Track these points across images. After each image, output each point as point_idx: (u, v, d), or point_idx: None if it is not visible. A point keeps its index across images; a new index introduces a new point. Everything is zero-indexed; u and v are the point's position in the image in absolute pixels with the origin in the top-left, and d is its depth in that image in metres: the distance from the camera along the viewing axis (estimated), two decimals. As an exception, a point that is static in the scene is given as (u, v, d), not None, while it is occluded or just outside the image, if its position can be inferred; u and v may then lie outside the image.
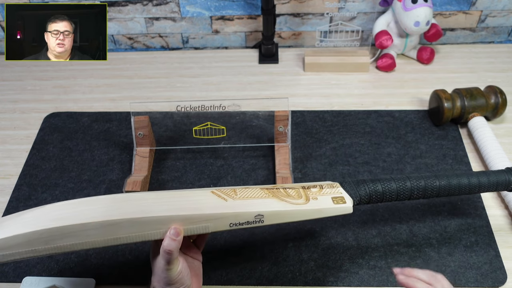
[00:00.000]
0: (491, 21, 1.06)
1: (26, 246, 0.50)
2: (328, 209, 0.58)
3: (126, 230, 0.51)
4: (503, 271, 0.69)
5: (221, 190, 0.57)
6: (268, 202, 0.56)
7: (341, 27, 1.05)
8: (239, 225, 0.54)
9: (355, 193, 0.60)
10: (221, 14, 1.06)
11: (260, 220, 0.55)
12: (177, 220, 0.52)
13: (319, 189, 0.60)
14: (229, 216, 0.54)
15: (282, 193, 0.58)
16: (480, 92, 0.88)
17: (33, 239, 0.50)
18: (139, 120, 0.81)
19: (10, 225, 0.51)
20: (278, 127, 0.82)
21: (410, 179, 0.62)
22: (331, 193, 0.60)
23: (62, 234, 0.50)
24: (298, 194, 0.58)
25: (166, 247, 0.50)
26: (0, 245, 0.50)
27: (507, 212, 0.76)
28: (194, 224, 0.53)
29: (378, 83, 1.01)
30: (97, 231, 0.51)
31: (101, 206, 0.52)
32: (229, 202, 0.55)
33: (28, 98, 1.00)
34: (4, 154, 0.89)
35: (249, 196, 0.57)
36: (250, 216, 0.54)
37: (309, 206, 0.57)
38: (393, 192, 0.61)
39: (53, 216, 0.51)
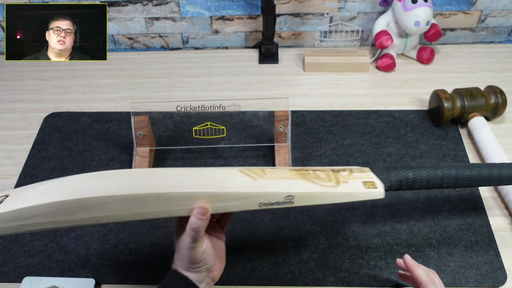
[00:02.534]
0: (491, 21, 1.06)
1: (48, 216, 0.49)
2: (359, 193, 0.57)
3: (151, 205, 0.49)
4: (503, 271, 0.69)
5: (249, 169, 0.55)
6: (298, 183, 0.55)
7: (341, 27, 1.05)
8: (269, 205, 0.52)
9: (386, 178, 0.59)
10: (221, 14, 1.06)
11: (290, 201, 0.53)
12: (205, 197, 0.50)
13: (349, 173, 0.59)
14: (259, 195, 0.52)
15: (312, 175, 0.57)
16: (480, 92, 0.88)
17: (56, 209, 0.48)
18: (139, 120, 0.81)
19: (31, 193, 0.50)
20: (278, 127, 0.82)
21: (441, 168, 0.62)
22: (362, 177, 0.59)
23: (85, 206, 0.48)
24: (328, 177, 0.57)
25: (192, 225, 0.49)
26: (21, 215, 0.48)
27: (507, 212, 0.76)
28: (222, 202, 0.51)
29: (378, 83, 1.01)
30: (121, 205, 0.49)
31: (126, 180, 0.51)
32: (258, 181, 0.53)
33: (28, 98, 1.00)
34: (4, 154, 0.89)
35: (279, 177, 0.55)
36: (280, 196, 0.53)
37: (340, 189, 0.56)
38: (423, 180, 0.61)
39: (77, 187, 0.50)
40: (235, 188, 0.52)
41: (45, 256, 0.73)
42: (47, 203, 0.48)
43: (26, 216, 0.48)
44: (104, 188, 0.49)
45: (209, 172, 0.54)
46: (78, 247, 0.74)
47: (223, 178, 0.53)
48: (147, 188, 0.50)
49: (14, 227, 0.49)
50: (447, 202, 0.78)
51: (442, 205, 0.77)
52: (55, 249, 0.74)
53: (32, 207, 0.48)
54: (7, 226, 0.49)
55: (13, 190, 0.53)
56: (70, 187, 0.50)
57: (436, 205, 0.77)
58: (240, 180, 0.53)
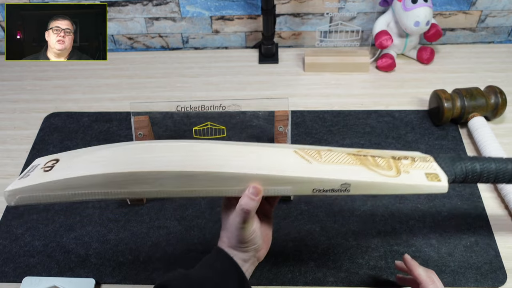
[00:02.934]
0: (491, 21, 1.06)
1: (101, 187, 0.48)
2: (421, 185, 0.53)
3: (202, 183, 0.48)
4: (503, 271, 0.69)
5: (304, 151, 0.53)
6: (356, 170, 0.51)
7: (341, 27, 1.05)
8: (323, 191, 0.50)
9: (450, 170, 0.55)
10: (221, 14, 1.06)
11: (346, 189, 0.50)
12: (257, 179, 0.49)
13: (411, 162, 0.55)
14: (314, 181, 0.49)
15: (371, 162, 0.53)
16: (480, 92, 0.88)
17: (109, 181, 0.48)
18: (139, 120, 0.81)
19: (85, 161, 0.50)
20: (278, 127, 0.82)
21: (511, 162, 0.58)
22: (424, 167, 0.54)
23: (138, 179, 0.48)
24: (388, 165, 0.53)
25: (243, 206, 0.48)
26: (75, 184, 0.48)
27: (507, 212, 0.76)
28: (275, 186, 0.49)
29: (378, 83, 1.01)
30: (173, 181, 0.48)
31: (180, 155, 0.50)
32: (313, 165, 0.51)
33: (28, 98, 1.00)
34: (4, 154, 0.89)
35: (336, 161, 0.52)
36: (336, 184, 0.50)
37: (400, 180, 0.52)
38: (491, 174, 0.57)
39: (131, 159, 0.49)
40: (290, 172, 0.49)
41: (45, 256, 0.73)
42: (102, 174, 0.48)
43: (80, 185, 0.48)
44: (158, 163, 0.48)
45: (265, 151, 0.52)
46: (78, 247, 0.74)
47: (278, 159, 0.51)
48: (200, 166, 0.48)
49: (65, 196, 0.49)
50: (447, 202, 0.78)
51: (442, 205, 0.77)
52: (55, 249, 0.74)
53: (87, 176, 0.48)
54: (60, 194, 0.49)
55: (63, 154, 0.53)
56: (125, 159, 0.49)
57: (436, 205, 0.77)
58: (295, 163, 0.51)
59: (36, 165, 0.53)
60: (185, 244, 0.74)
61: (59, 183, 0.48)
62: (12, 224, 0.77)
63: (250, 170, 0.49)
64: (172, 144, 0.51)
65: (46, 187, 0.49)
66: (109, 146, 0.52)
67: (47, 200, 0.49)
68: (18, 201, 0.50)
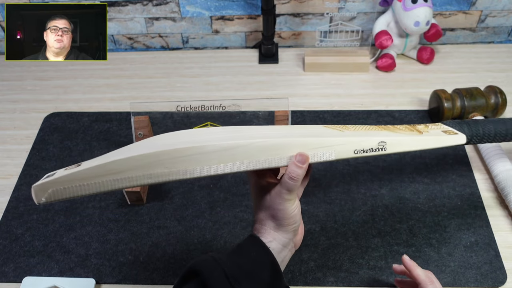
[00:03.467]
0: (491, 21, 1.06)
1: (143, 169, 0.46)
2: (444, 138, 0.59)
3: (248, 155, 0.48)
4: (503, 271, 0.69)
5: (332, 126, 0.55)
6: (385, 133, 0.55)
7: (341, 27, 1.05)
8: (364, 152, 0.52)
9: (460, 129, 0.63)
10: (221, 14, 1.06)
11: (383, 148, 0.53)
12: (302, 145, 0.49)
13: (424, 126, 0.61)
14: (354, 142, 0.52)
15: (393, 129, 0.58)
16: (480, 92, 0.88)
17: (152, 161, 0.46)
18: (139, 120, 0.81)
19: (124, 151, 0.48)
20: (278, 127, 0.81)
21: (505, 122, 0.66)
22: (438, 128, 0.62)
23: (183, 156, 0.46)
24: (408, 129, 0.59)
25: (291, 173, 0.48)
26: (115, 168, 0.45)
27: (507, 212, 0.76)
28: (319, 150, 0.50)
29: (378, 83, 1.01)
30: (219, 155, 0.47)
31: (220, 133, 0.50)
32: (346, 133, 0.53)
33: (28, 98, 1.00)
34: (4, 154, 0.89)
35: (363, 129, 0.56)
36: (373, 143, 0.53)
37: (425, 136, 0.58)
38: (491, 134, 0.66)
39: (170, 141, 0.48)
40: (330, 137, 0.51)
41: (45, 256, 0.73)
42: (149, 153, 0.46)
43: (124, 169, 0.45)
44: (203, 140, 0.48)
45: (298, 127, 0.55)
46: (78, 247, 0.74)
47: (314, 130, 0.53)
48: (245, 137, 0.48)
49: (105, 184, 0.45)
50: (447, 202, 0.78)
51: (442, 205, 0.77)
52: (55, 249, 0.74)
53: (132, 158, 0.45)
54: (99, 183, 0.45)
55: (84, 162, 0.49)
56: (164, 141, 0.48)
57: (436, 205, 0.77)
58: (330, 132, 0.53)
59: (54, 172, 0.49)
60: (185, 244, 0.73)
61: (99, 169, 0.45)
62: (12, 224, 0.77)
63: (293, 137, 0.50)
64: (209, 128, 0.52)
65: (84, 176, 0.45)
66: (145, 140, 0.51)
67: (82, 192, 0.45)
68: (50, 196, 0.45)
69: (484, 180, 0.81)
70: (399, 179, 0.81)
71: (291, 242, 0.53)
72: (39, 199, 0.45)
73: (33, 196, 0.45)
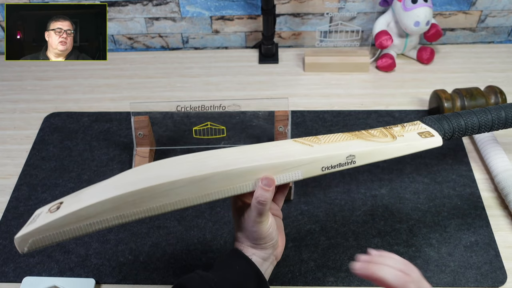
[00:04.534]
0: (491, 21, 1.06)
1: (115, 211, 0.47)
2: (418, 143, 0.56)
3: (216, 185, 0.49)
4: (503, 271, 0.69)
5: (303, 138, 0.55)
6: (356, 143, 0.54)
7: (341, 27, 1.05)
8: (331, 168, 0.52)
9: (439, 128, 0.60)
10: (221, 14, 1.06)
11: (352, 161, 0.53)
12: (268, 169, 0.50)
13: (401, 128, 0.59)
14: (321, 159, 0.51)
15: (366, 135, 0.56)
16: (480, 92, 0.88)
17: (122, 203, 0.47)
18: (139, 120, 0.81)
19: (92, 193, 0.49)
20: (278, 127, 0.82)
21: (490, 111, 0.63)
22: (415, 129, 0.59)
23: (153, 194, 0.47)
24: (382, 134, 0.57)
25: (259, 198, 0.49)
26: (86, 214, 0.46)
27: (507, 212, 0.76)
28: (285, 172, 0.50)
29: (378, 83, 1.01)
30: (187, 188, 0.48)
31: (186, 164, 0.50)
32: (315, 147, 0.53)
33: (28, 98, 1.00)
34: (4, 154, 0.89)
35: (334, 140, 0.55)
36: (341, 157, 0.52)
37: (398, 142, 0.56)
38: (475, 126, 0.62)
39: (138, 178, 0.48)
40: (295, 155, 0.51)
41: (45, 256, 0.73)
42: (115, 197, 0.47)
43: (94, 214, 0.46)
44: (170, 174, 0.48)
45: (266, 146, 0.54)
46: (78, 247, 0.74)
47: (282, 149, 0.53)
48: (211, 167, 0.49)
49: (81, 228, 0.47)
50: (447, 202, 0.78)
51: (442, 205, 0.77)
52: (55, 249, 0.74)
53: (99, 203, 0.46)
54: (75, 228, 0.47)
55: (66, 197, 0.51)
56: (134, 178, 0.49)
57: (436, 205, 0.77)
58: (297, 149, 0.53)
59: (39, 213, 0.50)
60: (185, 244, 0.74)
61: (71, 216, 0.46)
62: (12, 224, 0.77)
63: (260, 161, 0.50)
64: (176, 158, 0.52)
65: (58, 224, 0.46)
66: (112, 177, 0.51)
67: (62, 237, 0.47)
68: (31, 246, 0.47)
69: (484, 180, 0.81)
70: (399, 179, 0.81)
71: (272, 256, 0.54)
72: (22, 249, 0.47)
73: (16, 247, 0.47)
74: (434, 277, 0.68)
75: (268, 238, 0.52)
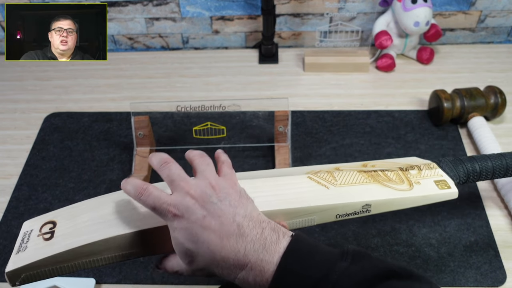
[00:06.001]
0: (491, 21, 1.07)
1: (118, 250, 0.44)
2: (434, 195, 0.56)
3: None
4: (503, 271, 0.69)
5: (318, 175, 0.53)
6: (372, 188, 0.52)
7: (341, 27, 1.05)
8: (346, 216, 0.51)
9: (455, 174, 0.59)
10: (221, 14, 1.06)
11: (367, 210, 0.51)
12: (282, 213, 0.48)
13: (418, 171, 0.57)
14: (336, 207, 0.50)
15: (383, 178, 0.55)
16: (480, 92, 0.88)
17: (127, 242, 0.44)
18: (139, 120, 0.81)
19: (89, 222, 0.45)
20: (278, 127, 0.82)
21: (505, 156, 0.62)
22: (432, 175, 0.57)
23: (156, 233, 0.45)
24: (399, 178, 0.55)
25: None
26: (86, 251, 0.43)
27: (507, 212, 0.77)
28: (299, 218, 0.49)
29: (378, 83, 1.01)
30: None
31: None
32: (331, 190, 0.51)
33: (29, 98, 1.00)
34: (4, 154, 0.89)
35: (350, 182, 0.52)
36: (357, 206, 0.51)
37: (415, 192, 0.54)
38: (489, 171, 0.61)
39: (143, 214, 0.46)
40: (310, 201, 0.49)
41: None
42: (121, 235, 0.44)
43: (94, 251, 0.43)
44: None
45: (281, 183, 0.51)
46: (78, 247, 0.74)
47: (297, 190, 0.51)
48: None
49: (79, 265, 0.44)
50: (447, 202, 0.78)
51: (442, 205, 0.77)
52: (55, 249, 0.73)
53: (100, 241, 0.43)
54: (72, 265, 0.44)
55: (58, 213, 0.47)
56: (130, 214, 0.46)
57: (436, 205, 0.77)
58: (313, 191, 0.51)
59: (29, 231, 0.46)
60: (185, 244, 0.73)
61: (70, 253, 0.43)
62: (12, 224, 0.77)
63: (274, 206, 0.48)
64: None
65: (55, 260, 0.43)
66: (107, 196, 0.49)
67: (58, 273, 0.44)
68: (23, 281, 0.43)
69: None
70: (399, 179, 0.81)
71: None
72: (13, 283, 0.44)
73: (7, 280, 0.43)
74: (434, 277, 0.68)
75: None
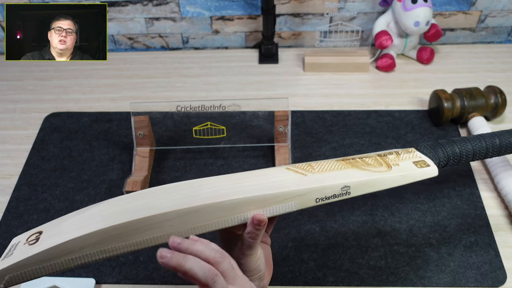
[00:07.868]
0: (491, 21, 1.07)
1: (99, 245, 0.44)
2: (413, 174, 0.56)
3: (207, 217, 0.47)
4: (503, 271, 0.69)
5: (296, 166, 0.53)
6: (350, 172, 0.53)
7: (341, 27, 1.05)
8: (326, 199, 0.51)
9: (434, 156, 0.59)
10: (221, 14, 1.06)
11: (347, 192, 0.52)
12: (261, 200, 0.48)
13: (396, 155, 0.58)
14: (315, 190, 0.50)
15: (361, 163, 0.55)
16: (480, 92, 0.88)
17: (107, 237, 0.44)
18: (139, 120, 0.81)
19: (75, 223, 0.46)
20: (278, 127, 0.82)
21: (485, 138, 0.63)
22: (410, 157, 0.58)
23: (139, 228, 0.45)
24: (377, 162, 0.56)
25: (250, 234, 0.48)
26: (68, 248, 0.43)
27: (507, 212, 0.77)
28: (278, 204, 0.49)
29: (378, 83, 1.01)
30: (176, 222, 0.46)
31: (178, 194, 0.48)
32: (309, 176, 0.51)
33: (29, 98, 1.00)
34: (4, 154, 0.89)
35: (328, 169, 0.53)
36: (336, 189, 0.51)
37: (393, 173, 0.54)
38: (469, 153, 0.61)
39: (126, 209, 0.46)
40: (289, 186, 0.50)
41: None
42: (98, 230, 0.44)
43: (76, 248, 0.44)
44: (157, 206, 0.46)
45: (259, 174, 0.52)
46: (78, 247, 0.74)
47: (274, 179, 0.51)
48: (203, 199, 0.47)
49: (62, 264, 0.44)
50: (447, 202, 0.78)
51: (442, 205, 0.77)
52: (55, 249, 0.74)
53: (82, 237, 0.43)
54: (56, 264, 0.44)
55: (45, 225, 0.48)
56: (119, 210, 0.46)
57: (436, 205, 0.78)
58: (291, 178, 0.51)
59: (16, 243, 0.46)
60: (185, 244, 0.73)
61: (51, 251, 0.43)
62: (12, 224, 0.77)
63: (252, 193, 0.48)
64: (166, 186, 0.50)
65: (38, 259, 0.43)
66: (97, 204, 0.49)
67: (42, 273, 0.44)
68: (8, 282, 0.43)
69: (484, 180, 0.81)
70: (399, 179, 0.81)
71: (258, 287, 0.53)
72: None
73: None
74: (434, 277, 0.68)
75: (255, 271, 0.51)
